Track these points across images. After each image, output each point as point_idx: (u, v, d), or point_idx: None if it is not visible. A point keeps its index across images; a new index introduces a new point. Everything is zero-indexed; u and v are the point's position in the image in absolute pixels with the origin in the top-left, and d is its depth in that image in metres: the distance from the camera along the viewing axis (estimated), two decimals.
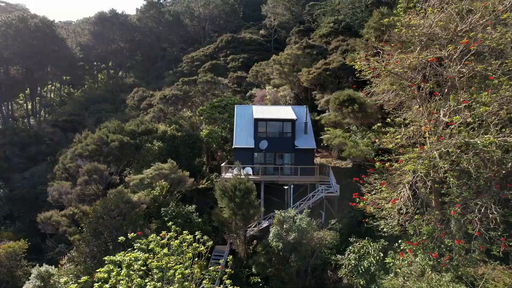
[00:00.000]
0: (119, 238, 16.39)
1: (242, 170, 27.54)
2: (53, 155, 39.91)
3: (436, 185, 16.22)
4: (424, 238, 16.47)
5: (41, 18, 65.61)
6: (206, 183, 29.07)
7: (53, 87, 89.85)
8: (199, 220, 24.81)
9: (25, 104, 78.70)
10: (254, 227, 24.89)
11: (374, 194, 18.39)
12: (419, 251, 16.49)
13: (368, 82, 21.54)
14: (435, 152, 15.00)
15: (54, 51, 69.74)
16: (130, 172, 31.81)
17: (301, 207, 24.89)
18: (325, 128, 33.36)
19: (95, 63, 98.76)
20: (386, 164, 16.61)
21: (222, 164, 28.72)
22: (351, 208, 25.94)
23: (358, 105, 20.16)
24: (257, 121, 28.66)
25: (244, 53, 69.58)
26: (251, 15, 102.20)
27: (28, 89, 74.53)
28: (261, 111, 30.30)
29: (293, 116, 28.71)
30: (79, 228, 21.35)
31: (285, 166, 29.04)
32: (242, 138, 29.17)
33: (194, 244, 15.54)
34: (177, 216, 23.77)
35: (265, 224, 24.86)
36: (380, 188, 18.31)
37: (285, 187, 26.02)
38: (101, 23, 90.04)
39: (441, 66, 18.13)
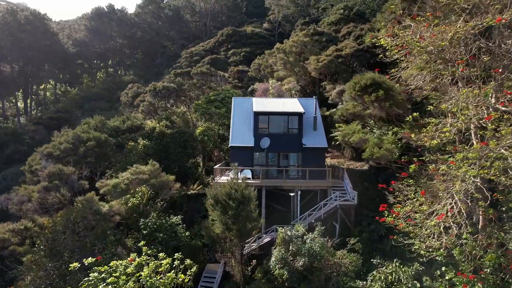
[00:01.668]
0: (71, 265, 12.18)
1: (239, 173, 23.25)
2: None
3: (501, 197, 11.80)
4: (486, 269, 12.00)
5: (31, 11, 62.01)
6: (197, 188, 24.80)
7: (49, 85, 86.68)
8: (187, 234, 20.58)
9: (18, 103, 75.34)
10: (253, 243, 20.58)
11: (407, 205, 14.06)
12: (476, 287, 12.03)
13: (394, 64, 17.30)
14: (503, 150, 10.64)
15: (46, 46, 66.17)
16: (113, 175, 27.70)
17: (310, 218, 20.53)
18: (336, 125, 28.97)
19: (94, 61, 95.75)
20: (431, 167, 12.21)
21: (216, 166, 24.42)
22: (371, 219, 21.60)
23: (384, 91, 15.70)
24: (257, 115, 24.34)
25: (246, 47, 65.46)
26: (254, 12, 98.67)
27: (23, 87, 71.06)
28: (262, 104, 25.98)
29: (300, 109, 24.36)
30: (35, 246, 17.22)
31: (290, 168, 24.72)
32: (240, 135, 24.87)
33: (169, 274, 11.26)
34: (158, 229, 19.56)
35: (266, 239, 20.54)
36: (415, 197, 13.97)
37: (291, 194, 21.69)
38: (98, 18, 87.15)
39: (487, 38, 13.90)
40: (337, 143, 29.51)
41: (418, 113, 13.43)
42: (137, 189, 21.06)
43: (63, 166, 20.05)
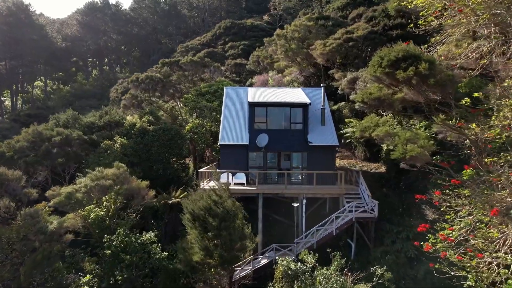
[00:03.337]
0: None
1: (231, 177, 19.03)
2: None
3: None
4: None
5: (14, 1, 57.80)
6: (181, 196, 20.59)
7: (41, 83, 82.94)
8: (164, 254, 16.32)
9: (6, 101, 71.55)
10: (247, 265, 16.31)
11: (456, 225, 9.79)
12: None
13: (419, 39, 13.11)
14: None
15: (33, 40, 62.08)
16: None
17: (319, 235, 16.24)
18: (346, 120, 24.72)
19: (90, 59, 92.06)
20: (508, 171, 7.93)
21: (202, 169, 20.16)
22: (395, 236, 17.27)
23: (428, 64, 11.30)
24: (253, 106, 20.11)
25: (245, 40, 61.22)
26: (254, 9, 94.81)
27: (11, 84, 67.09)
28: (259, 93, 21.74)
29: (305, 99, 20.11)
30: None
31: (293, 171, 20.49)
32: (233, 132, 20.64)
33: None
34: (126, 249, 15.35)
35: (263, 261, 16.28)
36: (475, 214, 9.70)
37: (295, 205, 17.43)
38: (92, 13, 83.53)
39: None
40: (347, 141, 25.34)
41: (481, 94, 9.17)
42: (102, 199, 16.89)
43: (7, 169, 15.89)
